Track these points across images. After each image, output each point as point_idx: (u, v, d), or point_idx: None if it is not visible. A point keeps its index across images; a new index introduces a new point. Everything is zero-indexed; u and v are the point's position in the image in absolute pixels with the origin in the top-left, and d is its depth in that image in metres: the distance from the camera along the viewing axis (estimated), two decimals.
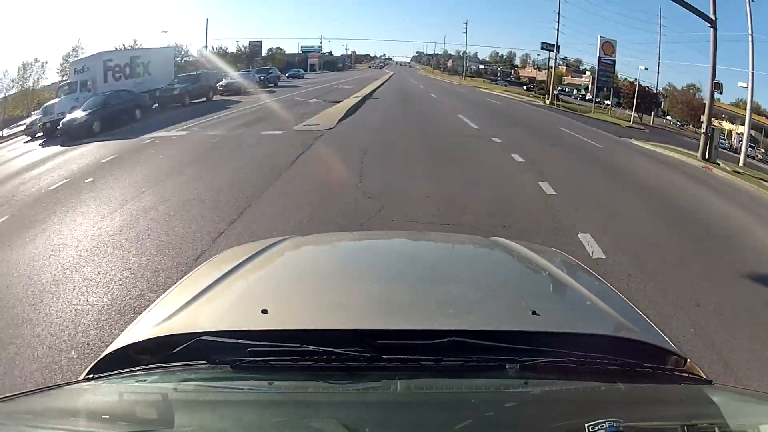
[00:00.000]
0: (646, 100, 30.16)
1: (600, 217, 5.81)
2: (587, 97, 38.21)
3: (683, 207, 7.08)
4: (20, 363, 2.93)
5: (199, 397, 0.84)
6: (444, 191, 6.55)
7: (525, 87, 45.01)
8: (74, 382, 0.88)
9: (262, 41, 45.60)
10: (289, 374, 0.84)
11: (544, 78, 46.50)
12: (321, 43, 52.58)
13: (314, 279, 1.22)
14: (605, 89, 34.67)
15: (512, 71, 50.24)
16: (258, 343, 0.84)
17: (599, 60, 30.88)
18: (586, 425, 0.67)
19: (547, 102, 30.84)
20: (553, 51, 36.89)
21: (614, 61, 31.26)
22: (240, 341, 0.85)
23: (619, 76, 35.17)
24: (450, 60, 54.26)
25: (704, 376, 0.94)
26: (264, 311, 0.94)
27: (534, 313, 0.96)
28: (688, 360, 0.96)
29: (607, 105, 32.49)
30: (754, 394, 0.96)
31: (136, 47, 27.33)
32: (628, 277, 4.07)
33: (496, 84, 46.78)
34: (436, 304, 1.04)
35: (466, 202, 6.09)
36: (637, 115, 28.69)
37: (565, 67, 42.69)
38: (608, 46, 30.97)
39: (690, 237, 5.51)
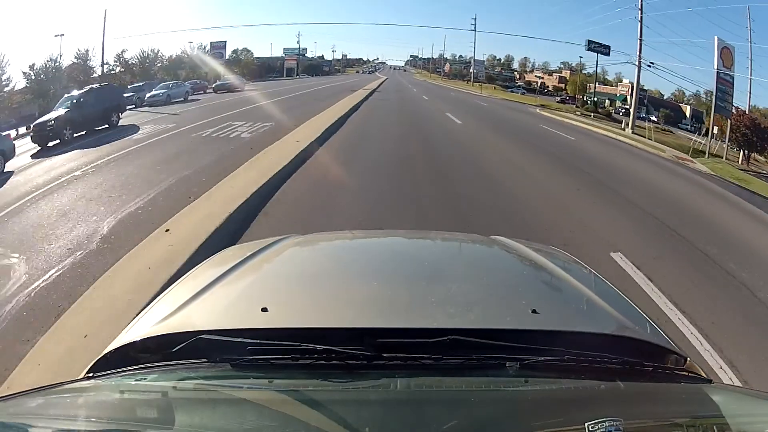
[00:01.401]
0: (760, 135, 19.96)
1: None
2: (630, 112, 25.60)
3: None
4: None
5: (199, 395, 0.84)
6: None
7: (559, 99, 35.28)
8: (74, 381, 0.88)
9: (225, 41, 37.63)
10: (289, 373, 0.84)
11: (557, 83, 39.65)
12: (299, 42, 45.70)
13: (314, 278, 1.22)
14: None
15: (518, 76, 46.19)
16: (258, 341, 0.84)
17: (718, 75, 19.55)
18: (585, 424, 0.67)
19: (628, 131, 19.42)
20: (602, 52, 27.76)
21: (733, 78, 20.06)
22: (240, 340, 0.85)
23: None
24: (447, 64, 53.24)
25: (704, 375, 0.94)
26: (264, 310, 0.94)
27: (534, 311, 0.96)
28: (688, 359, 0.96)
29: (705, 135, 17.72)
30: (753, 393, 0.96)
31: None
32: None
33: (512, 92, 39.61)
34: (435, 303, 1.04)
35: None
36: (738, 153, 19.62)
37: (570, 72, 38.29)
38: (727, 54, 19.80)
39: None
